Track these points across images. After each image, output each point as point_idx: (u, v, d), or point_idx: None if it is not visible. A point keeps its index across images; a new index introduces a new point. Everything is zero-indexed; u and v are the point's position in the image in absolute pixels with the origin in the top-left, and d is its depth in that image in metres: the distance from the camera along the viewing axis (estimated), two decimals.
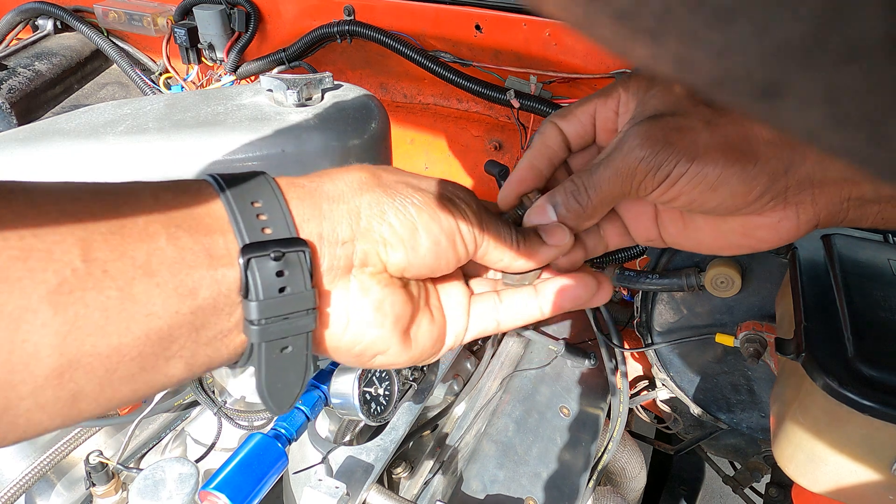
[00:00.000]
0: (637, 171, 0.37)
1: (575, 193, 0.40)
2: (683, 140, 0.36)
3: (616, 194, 0.39)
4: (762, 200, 0.36)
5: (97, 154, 0.65)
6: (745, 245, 0.40)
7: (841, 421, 0.57)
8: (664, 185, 0.36)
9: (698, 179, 0.35)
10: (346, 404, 0.64)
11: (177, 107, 0.70)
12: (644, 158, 0.36)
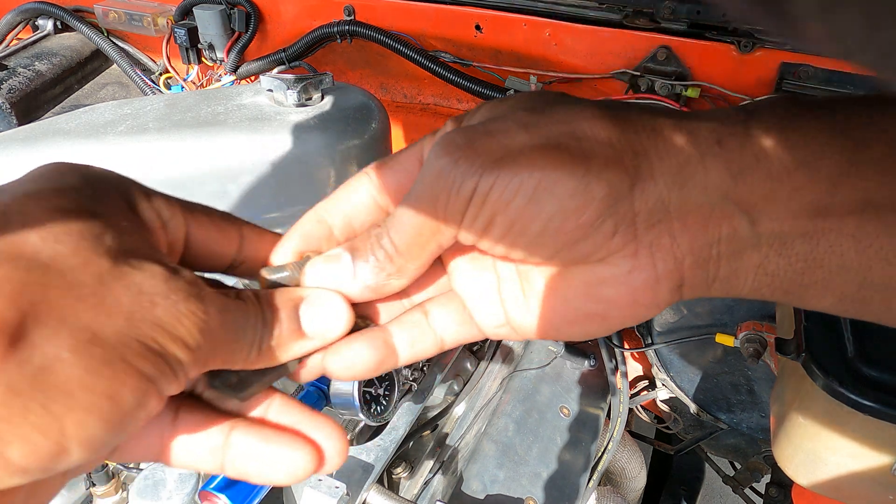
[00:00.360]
0: (439, 190, 0.26)
1: (377, 238, 0.29)
2: (491, 143, 0.26)
3: (426, 232, 0.28)
4: (603, 229, 0.26)
5: (97, 154, 0.65)
6: (592, 314, 0.29)
7: (841, 421, 0.57)
8: (473, 203, 0.26)
9: (513, 189, 0.25)
10: (346, 404, 0.64)
11: (177, 107, 0.70)
12: (442, 171, 0.26)
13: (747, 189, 0.25)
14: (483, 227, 0.27)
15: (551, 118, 0.27)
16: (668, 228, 0.26)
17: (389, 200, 0.32)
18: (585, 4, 1.09)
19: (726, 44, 1.00)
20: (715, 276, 0.27)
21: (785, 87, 0.96)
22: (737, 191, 0.25)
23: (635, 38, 1.06)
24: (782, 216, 0.25)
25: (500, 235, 0.27)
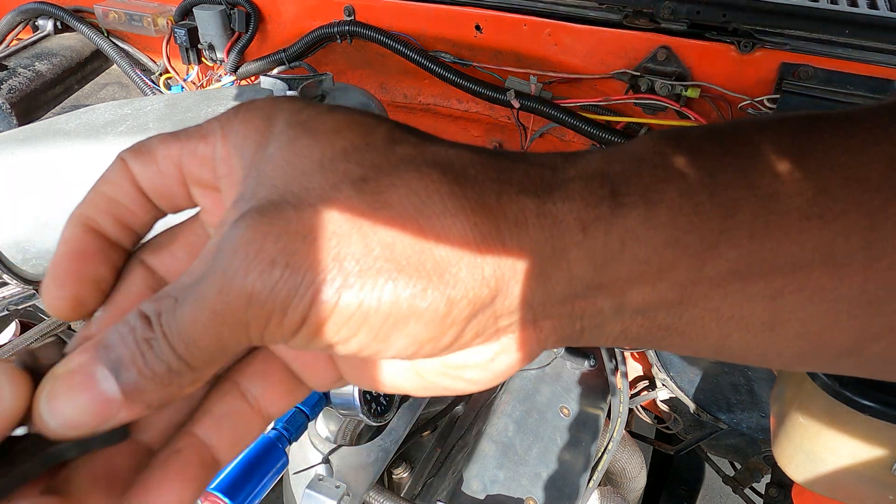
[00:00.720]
0: (250, 315, 0.21)
1: (150, 343, 0.21)
2: (321, 250, 0.21)
3: (223, 349, 0.22)
4: (462, 340, 0.23)
5: (97, 154, 0.65)
6: (451, 388, 0.26)
7: (841, 421, 0.57)
8: (302, 334, 0.21)
9: (360, 317, 0.21)
10: (347, 404, 0.64)
11: (177, 107, 0.70)
12: (256, 294, 0.20)
13: (612, 275, 0.23)
14: (319, 348, 0.22)
15: (393, 206, 0.21)
16: (532, 323, 0.24)
17: (152, 198, 0.26)
18: (585, 4, 1.09)
19: (726, 44, 1.00)
20: (578, 341, 0.26)
21: (785, 87, 0.96)
22: (602, 279, 0.23)
23: (635, 38, 1.06)
24: (647, 295, 0.24)
25: (356, 348, 0.22)
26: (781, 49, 0.97)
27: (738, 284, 0.23)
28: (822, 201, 0.22)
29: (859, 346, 0.24)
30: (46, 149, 0.66)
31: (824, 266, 0.23)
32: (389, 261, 0.21)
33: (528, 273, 0.23)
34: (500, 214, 0.22)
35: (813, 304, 0.23)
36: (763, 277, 0.23)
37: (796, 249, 0.22)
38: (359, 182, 0.21)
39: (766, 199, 0.23)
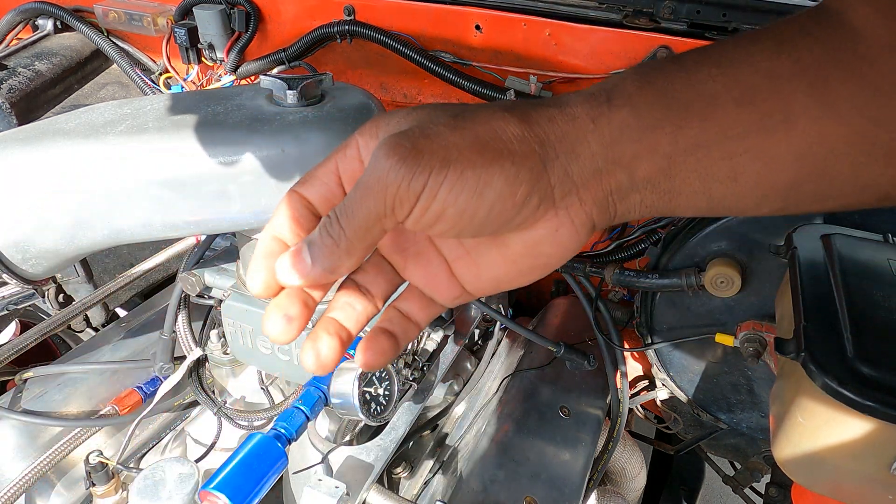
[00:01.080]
0: (388, 183, 0.32)
1: (327, 226, 0.34)
2: (433, 144, 0.33)
3: (371, 217, 0.33)
4: (530, 204, 0.35)
5: (97, 154, 0.65)
6: (535, 265, 0.38)
7: (840, 421, 0.57)
8: (424, 196, 0.33)
9: (460, 185, 0.32)
10: (346, 404, 0.64)
11: (177, 107, 0.70)
12: (392, 168, 0.32)
13: (620, 152, 0.35)
14: (433, 220, 0.34)
15: (472, 121, 0.35)
16: (576, 193, 0.36)
17: (319, 209, 0.38)
18: (585, 4, 1.09)
19: None
20: (614, 215, 0.37)
21: None
22: (614, 154, 0.35)
23: (635, 38, 1.06)
24: (647, 167, 0.35)
25: (452, 223, 0.34)
26: None
27: (704, 151, 0.35)
28: (749, 93, 0.35)
29: (796, 186, 0.36)
30: (46, 148, 0.66)
31: (757, 135, 0.34)
32: (473, 154, 0.33)
33: (563, 151, 0.35)
34: (537, 118, 0.35)
35: (758, 160, 0.35)
36: (718, 145, 0.35)
37: (736, 126, 0.34)
38: (450, 116, 0.35)
39: (709, 97, 0.35)
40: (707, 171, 0.35)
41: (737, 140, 0.35)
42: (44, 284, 0.77)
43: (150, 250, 1.20)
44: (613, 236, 1.22)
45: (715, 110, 0.35)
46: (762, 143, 0.34)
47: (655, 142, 0.35)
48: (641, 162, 0.35)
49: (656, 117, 0.35)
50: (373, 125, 0.38)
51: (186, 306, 0.89)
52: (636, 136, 0.35)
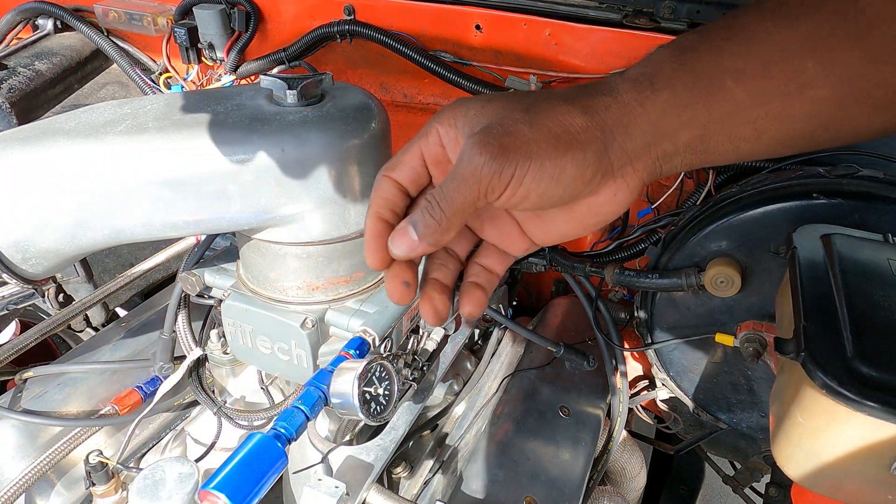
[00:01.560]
0: (481, 176, 0.41)
1: (429, 209, 0.43)
2: (515, 141, 0.41)
3: (467, 202, 0.42)
4: (595, 180, 0.43)
5: (97, 154, 0.65)
6: (597, 222, 0.48)
7: (840, 421, 0.57)
8: (511, 185, 0.42)
9: (541, 173, 0.41)
10: (345, 404, 0.64)
11: (177, 106, 0.70)
12: (485, 164, 0.41)
13: (665, 127, 0.44)
14: (518, 202, 0.43)
15: (541, 116, 0.43)
16: (630, 164, 0.45)
17: (409, 189, 0.48)
18: (585, 4, 1.09)
19: None
20: (659, 173, 0.46)
21: None
22: (660, 129, 0.44)
23: (635, 38, 1.06)
24: (686, 135, 0.44)
25: (535, 202, 0.43)
26: None
27: (732, 119, 0.44)
28: (767, 67, 0.43)
29: (807, 137, 0.45)
30: (46, 148, 0.65)
31: (775, 102, 0.43)
32: (548, 147, 0.41)
33: (619, 133, 0.43)
34: (596, 107, 0.43)
35: (776, 121, 0.43)
36: (743, 113, 0.43)
37: (757, 96, 0.43)
38: (523, 111, 0.43)
39: (734, 73, 0.43)
40: (735, 133, 0.44)
41: (758, 107, 0.43)
42: (44, 284, 0.77)
43: (150, 250, 1.20)
44: (613, 236, 1.22)
45: (739, 84, 0.43)
46: (779, 107, 0.43)
47: (693, 116, 0.44)
48: (682, 132, 0.44)
49: (692, 95, 0.43)
50: (450, 115, 0.46)
51: (186, 306, 0.89)
52: (677, 113, 0.44)
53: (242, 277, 0.81)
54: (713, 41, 0.44)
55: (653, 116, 0.43)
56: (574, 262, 1.09)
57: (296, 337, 0.75)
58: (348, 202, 0.71)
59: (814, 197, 0.84)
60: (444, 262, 0.50)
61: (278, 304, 0.76)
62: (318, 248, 0.73)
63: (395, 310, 0.77)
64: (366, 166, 0.70)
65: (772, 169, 0.96)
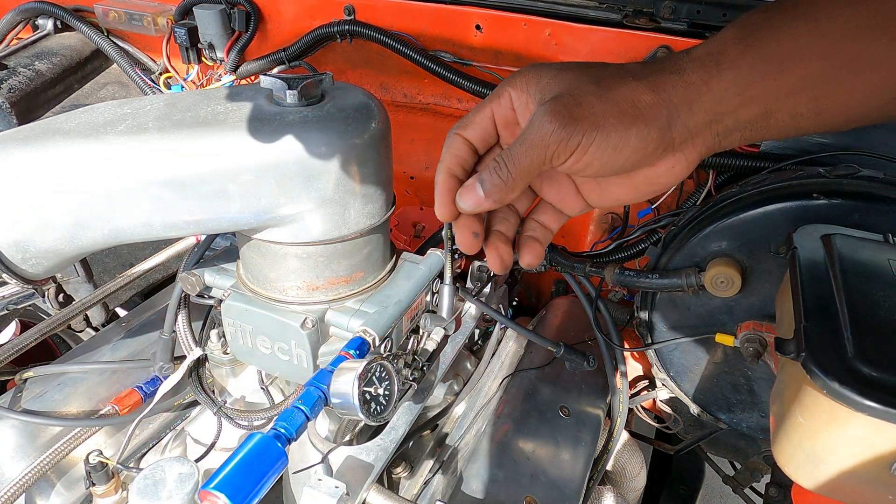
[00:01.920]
0: (549, 142, 0.45)
1: (497, 169, 0.47)
2: (585, 112, 0.44)
3: (533, 165, 0.46)
4: (657, 153, 0.47)
5: (97, 154, 0.65)
6: (653, 191, 0.51)
7: (840, 421, 0.57)
8: (577, 153, 0.45)
9: (605, 144, 0.44)
10: (345, 404, 0.64)
11: (177, 106, 0.70)
12: (554, 131, 0.44)
13: (728, 105, 0.46)
14: (581, 168, 0.46)
15: (611, 90, 0.46)
16: (691, 140, 0.47)
17: (478, 147, 0.52)
18: (585, 4, 1.09)
19: None
20: (718, 148, 0.48)
21: None
22: (723, 108, 0.46)
23: (635, 38, 1.06)
24: (748, 113, 0.47)
25: (593, 172, 0.47)
26: None
27: (794, 97, 0.46)
28: (831, 47, 0.44)
29: (871, 114, 0.47)
30: (46, 148, 0.65)
31: (839, 81, 0.45)
32: (615, 119, 0.44)
33: (684, 111, 0.46)
34: (663, 85, 0.46)
35: (839, 100, 0.45)
36: (805, 92, 0.45)
37: (820, 75, 0.45)
38: (594, 83, 0.46)
39: (798, 53, 0.44)
40: (797, 111, 0.46)
41: (820, 86, 0.45)
42: (44, 284, 0.77)
43: (150, 250, 1.20)
44: (613, 236, 1.22)
45: (802, 65, 0.45)
46: (843, 87, 0.45)
47: (756, 95, 0.46)
48: (744, 110, 0.46)
49: (757, 75, 0.45)
50: (522, 80, 0.49)
51: (186, 306, 0.89)
52: (740, 91, 0.46)
53: (242, 277, 0.80)
54: (779, 21, 0.46)
55: (717, 94, 0.46)
56: (574, 262, 1.09)
57: (296, 337, 0.75)
58: (348, 202, 0.71)
59: (814, 197, 0.83)
60: (506, 216, 0.55)
61: (278, 304, 0.76)
62: (318, 248, 0.73)
63: (395, 310, 0.77)
64: (366, 166, 0.70)
65: (772, 169, 0.96)
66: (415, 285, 0.82)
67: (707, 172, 1.07)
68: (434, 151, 1.40)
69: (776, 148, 0.98)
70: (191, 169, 0.65)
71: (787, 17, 0.45)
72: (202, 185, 0.66)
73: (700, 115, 0.46)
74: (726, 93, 0.46)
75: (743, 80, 0.45)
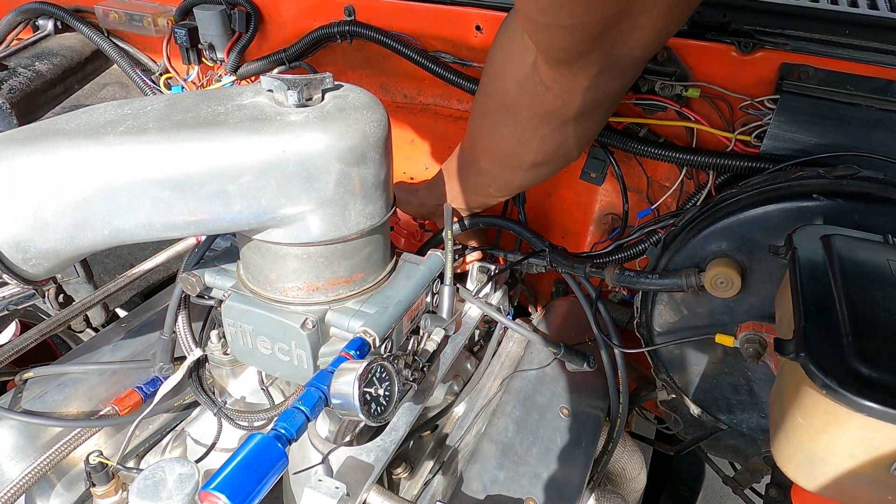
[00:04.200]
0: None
1: None
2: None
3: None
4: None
5: (97, 154, 0.65)
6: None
7: (840, 421, 0.57)
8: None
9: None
10: (346, 405, 0.64)
11: (177, 107, 0.70)
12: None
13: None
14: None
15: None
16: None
17: None
18: None
19: (726, 44, 1.00)
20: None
21: (785, 87, 0.96)
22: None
23: None
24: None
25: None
26: (782, 49, 0.97)
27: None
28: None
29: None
30: (46, 149, 0.65)
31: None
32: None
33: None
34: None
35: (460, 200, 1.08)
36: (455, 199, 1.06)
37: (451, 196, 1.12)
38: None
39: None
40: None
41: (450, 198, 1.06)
42: (44, 284, 0.77)
43: (150, 250, 1.20)
44: (613, 237, 1.22)
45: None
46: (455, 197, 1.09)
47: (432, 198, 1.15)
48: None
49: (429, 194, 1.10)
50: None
51: (186, 307, 0.89)
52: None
53: (243, 278, 0.81)
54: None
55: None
56: (574, 262, 1.09)
57: (296, 337, 0.75)
58: (348, 203, 0.71)
59: (814, 198, 0.84)
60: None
61: (278, 304, 0.76)
62: (318, 249, 0.73)
63: (395, 310, 0.77)
64: (366, 167, 0.70)
65: (772, 170, 0.96)
66: (415, 286, 0.82)
67: (707, 173, 1.07)
68: (434, 152, 1.40)
69: (776, 149, 0.99)
70: (191, 169, 0.65)
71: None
72: (202, 185, 0.66)
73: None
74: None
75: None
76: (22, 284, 0.71)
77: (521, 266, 1.15)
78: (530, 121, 0.90)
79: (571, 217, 1.33)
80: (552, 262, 1.11)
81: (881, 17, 0.95)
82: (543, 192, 1.33)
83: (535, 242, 1.14)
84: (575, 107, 0.84)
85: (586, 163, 1.23)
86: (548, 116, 0.88)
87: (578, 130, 0.91)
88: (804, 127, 0.96)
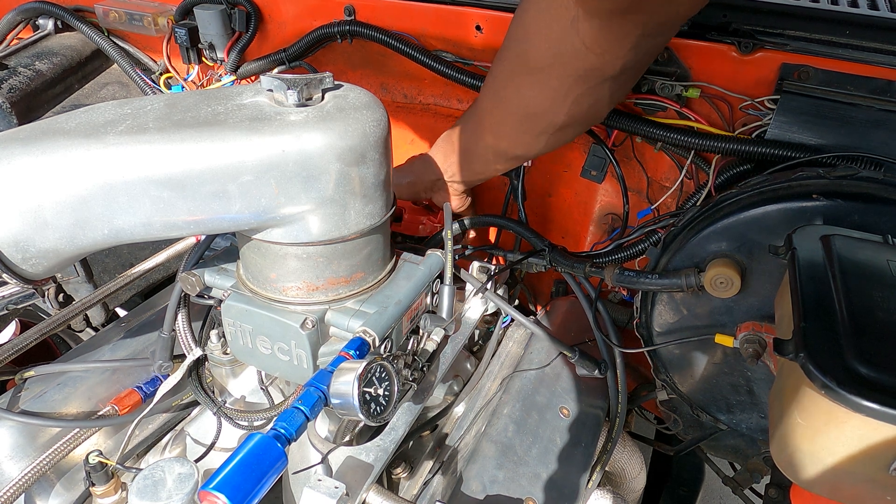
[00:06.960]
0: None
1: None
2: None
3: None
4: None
5: (97, 154, 0.65)
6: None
7: (839, 421, 0.57)
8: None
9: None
10: (345, 404, 0.64)
11: (177, 107, 0.70)
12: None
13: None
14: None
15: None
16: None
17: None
18: None
19: (726, 44, 1.00)
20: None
21: (785, 87, 0.96)
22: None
23: None
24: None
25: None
26: (782, 49, 0.97)
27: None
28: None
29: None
30: (46, 148, 0.65)
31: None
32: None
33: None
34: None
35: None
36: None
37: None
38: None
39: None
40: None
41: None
42: (43, 284, 0.77)
43: (150, 250, 1.20)
44: (613, 237, 1.22)
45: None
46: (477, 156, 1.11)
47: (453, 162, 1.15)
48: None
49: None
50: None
51: (186, 306, 0.89)
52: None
53: (242, 278, 0.81)
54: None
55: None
56: (574, 262, 1.09)
57: (296, 337, 0.75)
58: (348, 202, 0.71)
59: (813, 198, 0.84)
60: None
61: (278, 304, 0.77)
62: (318, 249, 0.73)
63: (394, 310, 0.77)
64: (366, 167, 0.70)
65: (772, 170, 0.96)
66: (415, 286, 0.82)
67: (707, 173, 1.07)
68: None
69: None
70: (191, 169, 0.65)
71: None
72: (202, 185, 0.66)
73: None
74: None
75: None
76: (22, 284, 0.71)
77: (521, 265, 1.15)
78: (564, 81, 0.89)
79: (571, 217, 1.33)
80: (552, 262, 1.11)
81: (881, 17, 0.95)
82: (543, 192, 1.33)
83: (534, 242, 1.14)
84: (618, 65, 0.85)
85: (587, 160, 1.23)
86: (585, 76, 0.88)
87: (613, 88, 0.92)
88: (804, 127, 0.96)
